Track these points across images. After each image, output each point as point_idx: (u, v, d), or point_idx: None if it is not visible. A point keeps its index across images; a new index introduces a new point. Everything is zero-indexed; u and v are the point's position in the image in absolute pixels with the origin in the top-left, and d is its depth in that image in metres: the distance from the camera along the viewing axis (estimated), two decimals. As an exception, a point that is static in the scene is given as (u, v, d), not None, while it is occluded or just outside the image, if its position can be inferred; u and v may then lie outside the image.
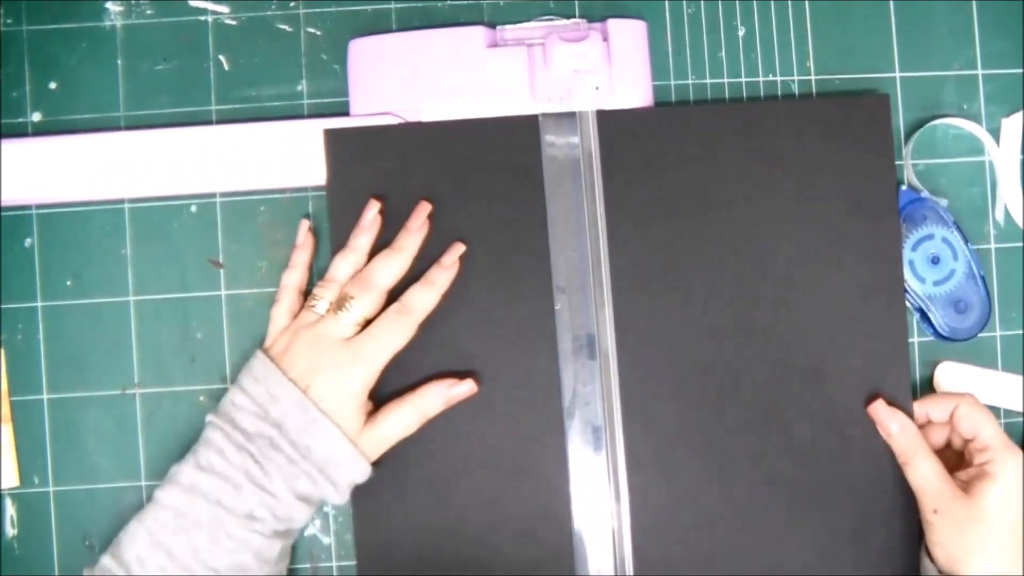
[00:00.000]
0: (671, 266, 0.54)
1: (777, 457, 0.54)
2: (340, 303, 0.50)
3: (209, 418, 0.49)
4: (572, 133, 0.54)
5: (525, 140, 0.54)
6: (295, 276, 0.54)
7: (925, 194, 0.55)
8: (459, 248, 0.53)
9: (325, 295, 0.51)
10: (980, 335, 0.55)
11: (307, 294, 0.53)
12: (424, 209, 0.53)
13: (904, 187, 0.56)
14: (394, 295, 0.51)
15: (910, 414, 0.53)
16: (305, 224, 0.55)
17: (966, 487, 0.50)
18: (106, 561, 0.47)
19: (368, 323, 0.51)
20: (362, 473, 0.50)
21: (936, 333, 0.55)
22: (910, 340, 0.56)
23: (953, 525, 0.49)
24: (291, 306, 0.53)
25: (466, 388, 0.52)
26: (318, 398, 0.49)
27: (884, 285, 0.54)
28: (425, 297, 0.52)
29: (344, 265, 0.52)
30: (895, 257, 0.54)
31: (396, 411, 0.51)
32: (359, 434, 0.50)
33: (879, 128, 0.55)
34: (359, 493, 0.52)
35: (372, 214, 0.53)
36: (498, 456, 0.53)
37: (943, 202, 0.55)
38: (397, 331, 0.50)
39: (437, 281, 0.52)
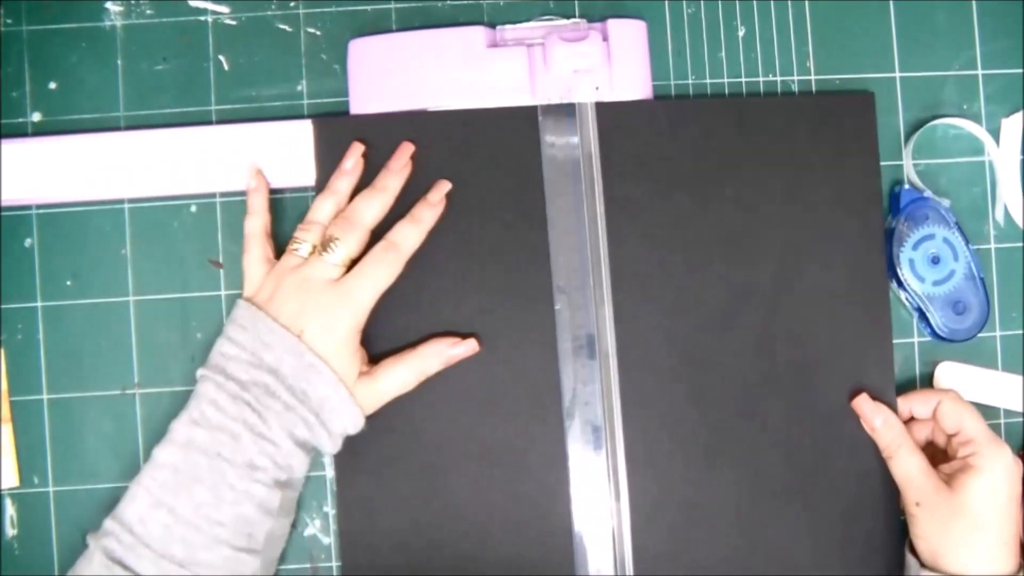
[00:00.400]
0: (669, 265, 0.54)
1: (777, 456, 0.54)
2: (325, 244, 0.50)
3: (200, 372, 0.49)
4: (572, 133, 0.54)
5: (524, 139, 0.54)
6: (257, 222, 0.53)
7: (928, 194, 0.55)
8: (445, 185, 0.53)
9: (307, 238, 0.51)
10: (981, 335, 0.55)
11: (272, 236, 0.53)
12: (407, 149, 0.53)
13: (907, 187, 0.56)
14: (376, 239, 0.51)
15: (894, 408, 0.53)
16: (253, 168, 0.54)
17: (949, 480, 0.50)
18: (108, 524, 0.47)
19: (353, 264, 0.50)
20: (355, 423, 0.50)
21: (934, 334, 0.55)
22: (910, 340, 0.56)
23: (936, 518, 0.49)
24: (263, 253, 0.52)
25: (465, 348, 0.52)
26: (312, 342, 0.48)
27: (868, 279, 0.54)
28: (411, 233, 0.51)
29: (325, 207, 0.52)
30: (878, 252, 0.54)
31: (394, 366, 0.51)
32: (355, 383, 0.50)
33: (864, 125, 0.55)
34: (347, 488, 0.52)
35: (353, 159, 0.53)
36: (498, 456, 0.53)
37: (945, 202, 0.55)
38: (384, 269, 0.50)
39: (423, 218, 0.52)
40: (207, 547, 0.46)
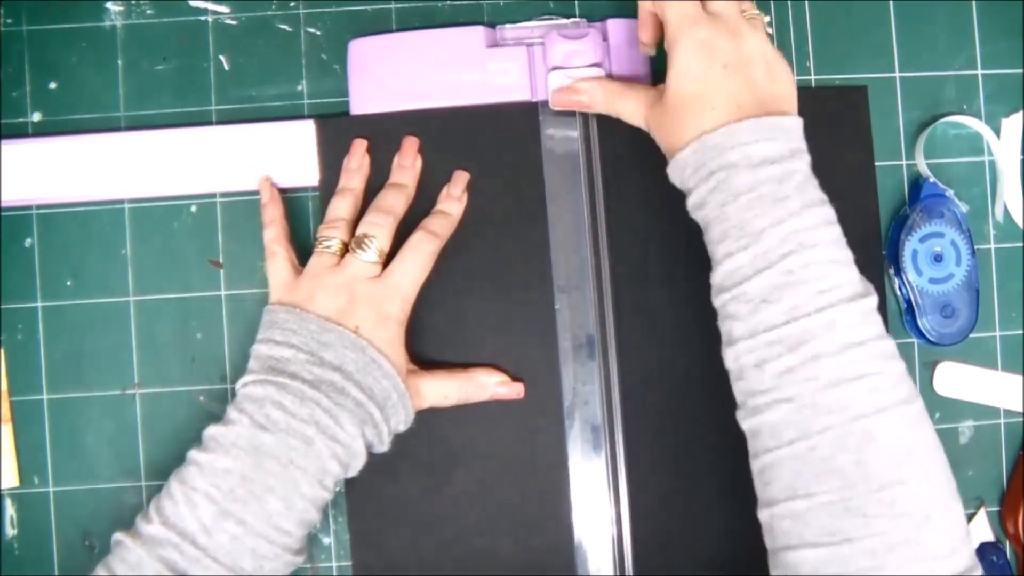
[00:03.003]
0: (670, 262, 0.54)
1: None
2: (359, 242, 0.50)
3: (247, 378, 0.47)
4: (572, 129, 0.54)
5: (525, 136, 0.54)
6: (275, 231, 0.52)
7: (949, 194, 0.55)
8: (464, 177, 0.54)
9: (335, 235, 0.50)
10: (981, 335, 0.55)
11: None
12: (412, 143, 0.53)
13: (932, 180, 0.55)
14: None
15: None
16: (265, 180, 0.54)
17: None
18: (158, 532, 0.44)
19: (385, 257, 0.50)
20: (407, 419, 0.50)
21: (920, 335, 0.55)
22: (910, 340, 0.56)
23: (661, 118, 0.48)
24: (288, 256, 0.52)
25: (511, 391, 0.53)
26: (369, 337, 0.48)
27: (866, 272, 0.54)
28: (444, 223, 0.52)
29: (342, 205, 0.52)
30: (875, 244, 0.55)
31: (443, 379, 0.51)
32: (405, 378, 0.49)
33: (859, 118, 0.55)
34: (356, 488, 0.52)
35: (357, 157, 0.53)
36: (497, 456, 0.53)
37: (964, 207, 0.55)
38: (425, 258, 0.50)
39: (451, 210, 0.53)
40: (274, 556, 0.45)
